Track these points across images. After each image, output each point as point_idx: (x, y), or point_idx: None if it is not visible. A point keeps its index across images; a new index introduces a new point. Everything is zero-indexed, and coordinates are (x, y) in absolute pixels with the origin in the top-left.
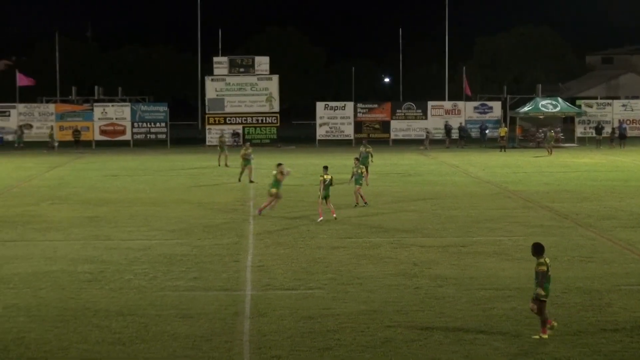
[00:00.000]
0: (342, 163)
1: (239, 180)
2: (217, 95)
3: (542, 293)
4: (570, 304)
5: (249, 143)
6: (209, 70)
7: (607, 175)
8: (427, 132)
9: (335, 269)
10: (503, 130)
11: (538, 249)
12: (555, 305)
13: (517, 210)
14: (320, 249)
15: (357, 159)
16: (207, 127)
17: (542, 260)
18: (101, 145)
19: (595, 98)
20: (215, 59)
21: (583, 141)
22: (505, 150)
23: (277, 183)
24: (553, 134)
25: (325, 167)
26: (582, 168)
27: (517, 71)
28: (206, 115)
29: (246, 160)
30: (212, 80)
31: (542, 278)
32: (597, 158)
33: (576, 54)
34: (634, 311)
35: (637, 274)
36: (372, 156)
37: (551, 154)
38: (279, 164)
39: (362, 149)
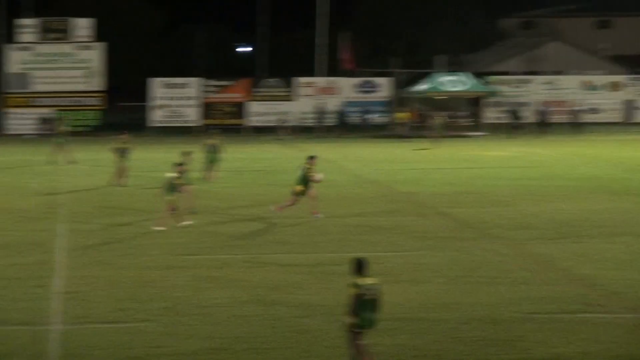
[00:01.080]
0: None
1: (119, 183)
2: (22, 69)
3: (351, 321)
4: (470, 338)
5: (126, 134)
6: (11, 36)
7: (522, 172)
8: (282, 119)
9: (170, 295)
10: (405, 115)
11: (358, 266)
12: (452, 339)
13: (408, 217)
14: (151, 270)
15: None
16: (7, 110)
17: (357, 281)
18: None
19: (509, 73)
20: (18, 21)
21: (494, 129)
22: (404, 139)
23: (304, 179)
24: (441, 119)
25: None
26: (491, 163)
27: (412, 39)
28: (5, 96)
29: (121, 155)
30: (14, 49)
31: (354, 303)
32: (511, 150)
33: (487, 16)
34: (553, 346)
35: (557, 299)
36: (218, 149)
37: (437, 146)
38: (312, 157)
39: (207, 140)
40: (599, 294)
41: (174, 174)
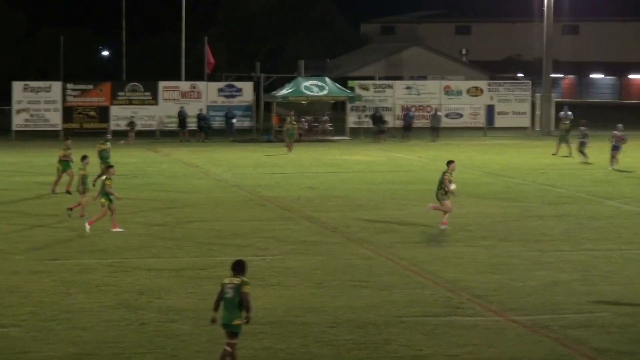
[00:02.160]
0: (49, 162)
1: (53, 191)
2: None
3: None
4: (339, 342)
5: (69, 141)
6: None
7: (386, 176)
8: (132, 122)
9: (36, 300)
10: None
11: (236, 266)
12: (319, 343)
13: (273, 222)
14: (16, 274)
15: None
16: None
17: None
18: None
19: (373, 78)
20: None
21: (358, 133)
22: (269, 143)
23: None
24: (294, 124)
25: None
26: (355, 167)
27: (275, 43)
28: None
29: (65, 163)
30: None
31: (249, 302)
32: (375, 155)
33: (349, 21)
34: (419, 348)
35: (423, 302)
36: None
37: (291, 150)
38: (451, 162)
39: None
40: (463, 297)
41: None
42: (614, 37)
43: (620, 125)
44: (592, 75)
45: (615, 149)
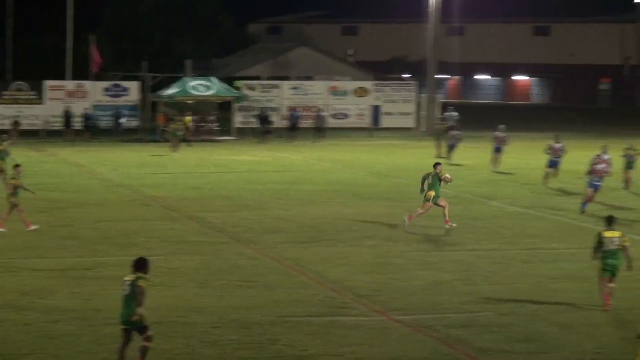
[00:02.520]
0: None
1: None
2: None
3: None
4: (223, 342)
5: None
6: None
7: (272, 176)
8: (16, 121)
9: None
10: (187, 120)
11: (137, 264)
12: (203, 343)
13: (158, 221)
14: None
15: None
16: None
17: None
18: None
19: (260, 78)
20: None
21: (244, 133)
22: (191, 145)
23: (436, 186)
24: (180, 124)
25: None
26: (241, 168)
27: (161, 43)
28: None
29: None
30: None
31: (143, 295)
32: (261, 155)
33: (237, 21)
34: (304, 348)
35: (307, 302)
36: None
37: (175, 150)
38: (437, 164)
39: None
40: (347, 297)
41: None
42: (499, 39)
43: (502, 126)
44: (477, 76)
45: (498, 150)
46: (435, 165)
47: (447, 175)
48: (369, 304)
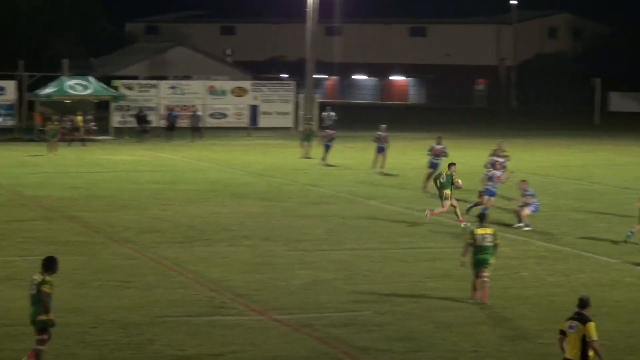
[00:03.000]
0: None
1: None
2: None
3: (47, 319)
4: (101, 342)
5: None
6: None
7: (150, 176)
8: None
9: None
10: (79, 119)
11: (49, 265)
12: (81, 343)
13: (36, 222)
14: None
15: None
16: None
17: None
18: None
19: (137, 77)
20: None
21: (122, 133)
22: (85, 144)
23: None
24: (57, 124)
25: None
26: (119, 167)
27: (38, 41)
28: None
29: None
30: None
31: (48, 300)
32: (139, 154)
33: (114, 21)
34: (183, 348)
35: (186, 302)
36: None
37: (52, 151)
38: (451, 164)
39: None
40: (226, 297)
41: None
42: (377, 39)
43: (383, 125)
44: (355, 76)
45: (381, 150)
46: (450, 165)
47: (458, 181)
48: (248, 303)
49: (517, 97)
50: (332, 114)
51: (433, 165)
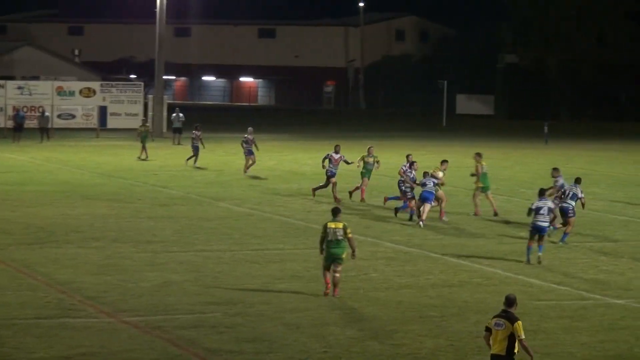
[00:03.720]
0: None
1: None
2: None
3: None
4: None
5: None
6: None
7: None
8: None
9: None
10: None
11: None
12: None
13: None
14: None
15: None
16: None
17: None
18: None
19: None
20: None
21: None
22: None
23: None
24: None
25: None
26: None
27: None
28: None
29: None
30: None
31: None
32: None
33: None
34: (32, 351)
35: (35, 304)
36: None
37: None
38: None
39: None
40: (76, 299)
41: None
42: (226, 41)
43: (250, 128)
44: (204, 78)
45: (250, 153)
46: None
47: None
48: (98, 305)
49: (365, 99)
50: (181, 115)
51: (331, 174)
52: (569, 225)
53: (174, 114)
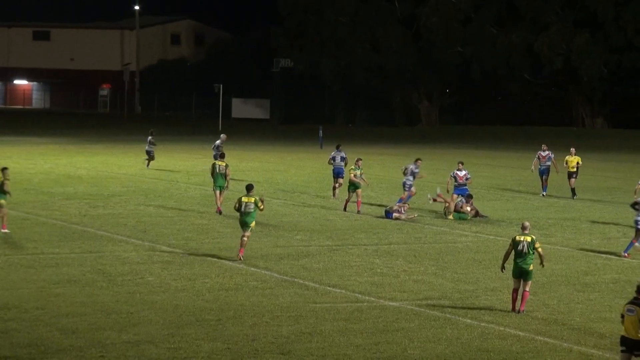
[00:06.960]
0: None
1: None
2: None
3: None
4: None
5: None
6: None
7: None
8: None
9: None
10: None
11: None
12: None
13: None
14: None
15: None
16: None
17: None
18: None
19: None
20: None
21: None
22: None
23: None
24: None
25: None
26: None
27: None
28: None
29: None
30: None
31: None
32: None
33: None
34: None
35: None
36: None
37: None
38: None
39: None
40: None
41: None
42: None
43: (152, 130)
44: None
45: (149, 153)
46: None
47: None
48: None
49: (141, 103)
50: None
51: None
52: None
53: None
